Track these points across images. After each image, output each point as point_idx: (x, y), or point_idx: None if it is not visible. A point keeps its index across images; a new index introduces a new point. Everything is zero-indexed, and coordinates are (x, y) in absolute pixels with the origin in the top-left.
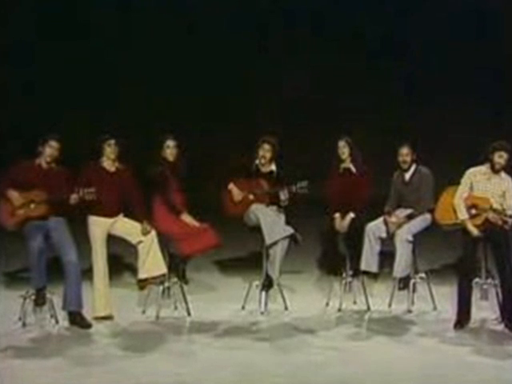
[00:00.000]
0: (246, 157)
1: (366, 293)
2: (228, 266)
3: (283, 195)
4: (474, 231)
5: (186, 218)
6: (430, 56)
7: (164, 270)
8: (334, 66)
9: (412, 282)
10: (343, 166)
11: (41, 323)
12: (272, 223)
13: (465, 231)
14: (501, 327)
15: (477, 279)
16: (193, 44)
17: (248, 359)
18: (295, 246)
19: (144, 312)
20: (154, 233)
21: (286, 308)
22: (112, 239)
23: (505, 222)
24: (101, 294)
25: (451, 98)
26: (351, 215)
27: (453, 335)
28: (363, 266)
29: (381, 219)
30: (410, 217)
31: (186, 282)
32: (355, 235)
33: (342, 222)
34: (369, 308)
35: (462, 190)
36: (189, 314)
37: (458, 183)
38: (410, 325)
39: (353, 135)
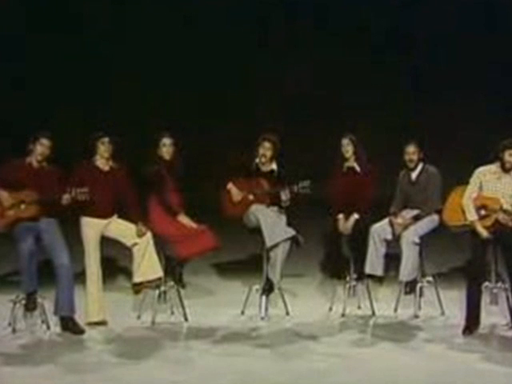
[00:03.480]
0: (246, 155)
1: (371, 297)
2: (227, 269)
3: (284, 195)
4: (484, 233)
5: (183, 219)
6: (438, 50)
7: (160, 273)
8: (338, 61)
9: (419, 285)
10: (347, 164)
11: (31, 329)
12: (273, 225)
13: (474, 233)
14: (511, 333)
15: (486, 283)
16: (190, 37)
17: (248, 366)
18: (297, 248)
19: (139, 317)
20: (149, 234)
21: (288, 313)
22: (106, 241)
23: None
24: (94, 299)
25: (460, 93)
26: (355, 216)
27: (461, 341)
28: (368, 270)
29: (386, 220)
30: (416, 218)
31: (183, 286)
32: (359, 237)
33: (346, 223)
34: (374, 313)
35: (471, 190)
36: (186, 319)
37: (467, 183)
38: (416, 330)
39: (357, 133)
